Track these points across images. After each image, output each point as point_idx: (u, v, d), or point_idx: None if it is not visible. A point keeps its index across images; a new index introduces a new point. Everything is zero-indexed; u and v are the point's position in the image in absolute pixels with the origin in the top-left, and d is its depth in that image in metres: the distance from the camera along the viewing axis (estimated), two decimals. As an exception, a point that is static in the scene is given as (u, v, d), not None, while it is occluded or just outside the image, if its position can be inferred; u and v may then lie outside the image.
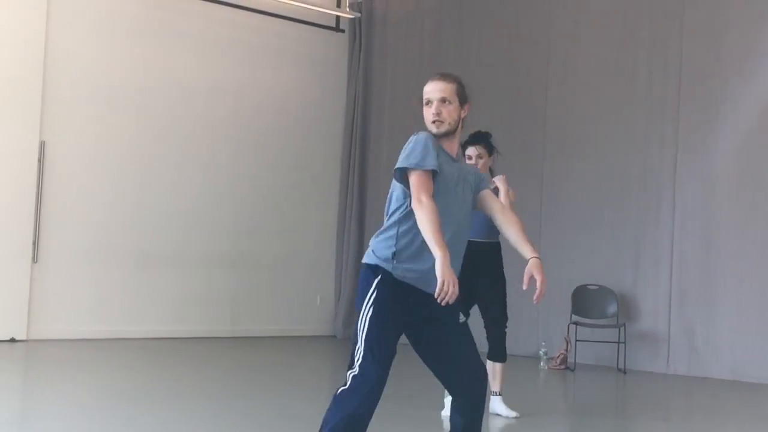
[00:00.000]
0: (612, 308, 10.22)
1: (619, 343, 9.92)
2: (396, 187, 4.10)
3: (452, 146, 4.17)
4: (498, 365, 6.43)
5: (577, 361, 10.02)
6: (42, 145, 10.32)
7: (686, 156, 9.94)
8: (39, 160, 10.29)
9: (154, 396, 7.02)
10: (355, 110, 12.91)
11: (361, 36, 12.97)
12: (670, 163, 10.04)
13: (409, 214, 3.97)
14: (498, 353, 6.41)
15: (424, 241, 3.87)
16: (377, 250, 4.04)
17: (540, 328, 10.73)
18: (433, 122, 4.08)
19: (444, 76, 4.18)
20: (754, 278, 9.41)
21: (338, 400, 3.81)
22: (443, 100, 4.10)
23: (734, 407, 8.15)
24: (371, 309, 3.95)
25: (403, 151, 4.07)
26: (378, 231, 4.11)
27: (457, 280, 3.71)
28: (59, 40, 10.48)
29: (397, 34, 12.81)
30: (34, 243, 10.25)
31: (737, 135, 9.62)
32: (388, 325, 3.95)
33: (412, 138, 4.07)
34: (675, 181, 9.98)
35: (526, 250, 4.11)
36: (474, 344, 4.11)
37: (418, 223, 3.83)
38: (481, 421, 4.38)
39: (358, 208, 12.75)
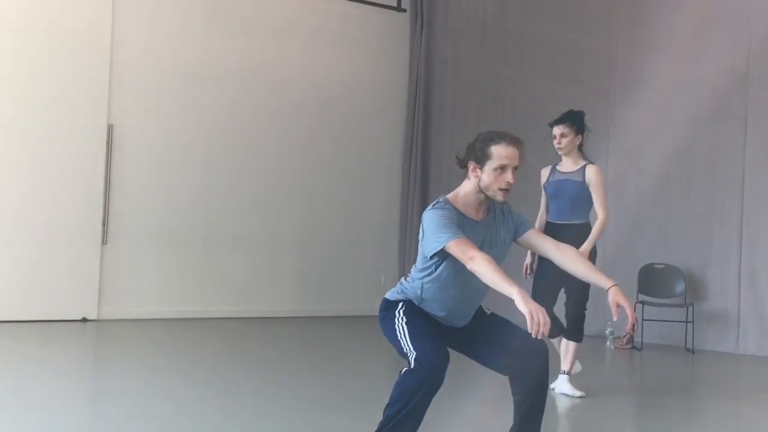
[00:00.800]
0: (680, 287, 10.07)
1: (687, 322, 9.78)
2: (422, 242, 4.10)
3: (483, 204, 4.13)
4: (572, 344, 6.42)
5: (644, 340, 9.90)
6: (110, 129, 10.48)
7: (756, 131, 9.72)
8: (107, 144, 10.46)
9: (222, 376, 7.12)
10: (417, 89, 12.87)
11: (422, 15, 12.90)
12: (739, 139, 9.83)
13: (434, 280, 4.07)
14: (573, 332, 6.39)
15: (444, 291, 4.03)
16: (400, 293, 4.19)
17: (607, 308, 10.54)
18: (501, 190, 4.04)
19: (519, 142, 4.11)
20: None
21: (401, 380, 3.92)
22: (515, 168, 4.06)
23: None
24: (404, 319, 4.09)
25: (423, 230, 4.06)
26: (402, 279, 4.25)
27: (543, 309, 3.69)
28: (126, 24, 10.61)
29: (460, 13, 12.71)
30: (103, 225, 10.44)
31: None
32: (426, 324, 4.08)
33: (426, 216, 4.05)
34: (745, 157, 9.77)
35: (601, 281, 4.10)
36: (513, 325, 4.12)
37: (481, 277, 3.83)
38: (543, 404, 4.39)
39: (421, 187, 12.74)
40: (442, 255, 3.99)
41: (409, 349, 3.97)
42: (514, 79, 11.91)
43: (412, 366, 3.93)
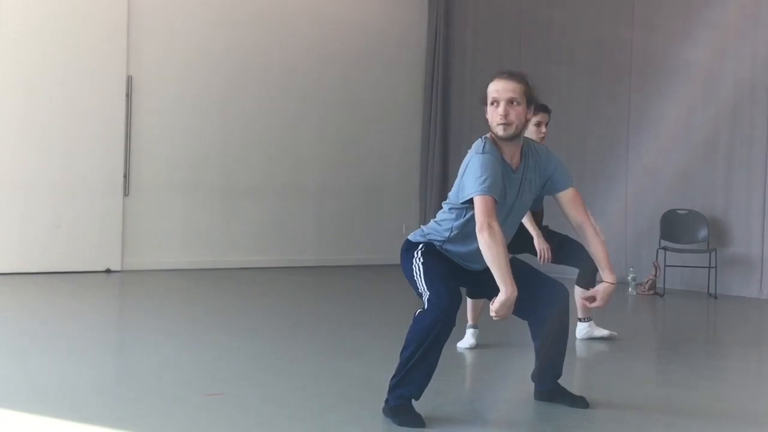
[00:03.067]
0: (702, 233, 10.02)
1: (709, 268, 9.74)
2: (460, 182, 4.06)
3: (515, 150, 4.08)
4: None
5: (666, 286, 9.88)
6: (129, 80, 10.47)
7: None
8: (127, 95, 10.46)
9: (245, 324, 7.17)
10: (437, 38, 12.75)
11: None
12: (762, 82, 9.70)
13: (465, 223, 4.08)
14: (587, 281, 6.34)
15: (471, 238, 4.00)
16: (423, 236, 4.21)
17: (628, 254, 10.60)
18: (500, 124, 3.97)
19: (512, 75, 4.03)
20: None
21: (415, 322, 4.01)
22: (511, 101, 3.97)
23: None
24: (421, 260, 4.12)
25: (465, 167, 4.01)
26: (431, 222, 4.24)
27: (507, 317, 3.86)
28: (142, -25, 10.56)
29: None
30: (125, 177, 10.47)
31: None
32: (442, 267, 4.12)
33: (474, 158, 3.98)
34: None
35: (605, 272, 4.11)
36: (533, 270, 4.13)
37: (484, 249, 3.84)
38: (564, 351, 4.42)
39: (442, 136, 12.68)
40: (471, 203, 3.99)
41: (424, 289, 4.03)
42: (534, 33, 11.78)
43: (425, 306, 3.97)
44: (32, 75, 9.90)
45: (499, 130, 3.98)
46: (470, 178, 3.95)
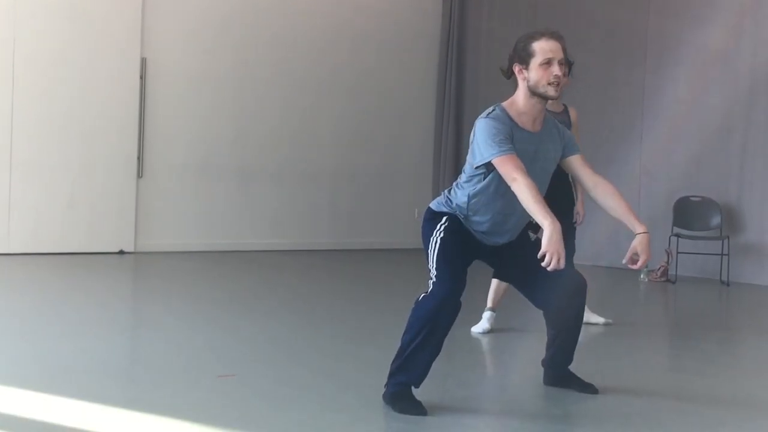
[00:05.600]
0: (715, 220, 9.99)
1: (722, 255, 9.72)
2: (471, 148, 4.04)
3: (540, 113, 4.06)
4: None
5: (678, 273, 9.87)
6: (143, 62, 10.49)
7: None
8: (141, 77, 10.48)
9: (258, 306, 7.21)
10: (451, 19, 12.71)
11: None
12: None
13: (481, 191, 4.02)
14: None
15: (491, 205, 4.00)
16: (446, 204, 4.15)
17: (640, 241, 10.55)
18: (551, 84, 3.96)
19: (560, 37, 4.04)
20: None
21: (417, 306, 3.99)
22: (561, 63, 3.99)
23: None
24: (441, 235, 4.07)
25: (473, 141, 4.01)
26: (453, 186, 4.17)
27: (563, 253, 3.68)
28: (157, -44, 10.56)
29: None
30: (138, 158, 10.51)
31: None
32: (458, 247, 4.07)
33: (480, 122, 3.97)
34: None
35: (634, 224, 4.02)
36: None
37: (519, 195, 3.79)
38: (576, 339, 4.43)
39: (455, 121, 12.66)
40: (489, 167, 3.95)
41: (432, 268, 4.01)
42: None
43: (428, 291, 3.97)
44: (47, 57, 9.92)
45: (551, 90, 3.96)
46: (483, 141, 3.92)
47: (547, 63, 3.95)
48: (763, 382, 5.15)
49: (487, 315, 6.14)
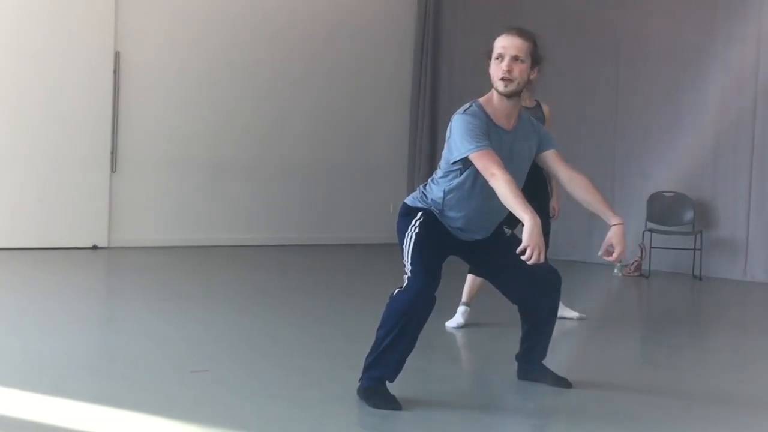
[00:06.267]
0: (688, 215, 10.06)
1: (695, 250, 9.80)
2: (447, 144, 4.04)
3: (513, 110, 4.05)
4: None
5: (651, 268, 9.94)
6: (117, 56, 10.41)
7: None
8: (114, 71, 10.40)
9: (232, 301, 7.18)
10: (426, 14, 12.71)
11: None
12: (751, 64, 9.73)
13: (457, 187, 4.02)
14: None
15: (467, 201, 4.00)
16: (421, 200, 4.14)
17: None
18: (502, 79, 3.95)
19: (521, 33, 4.00)
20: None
21: (392, 300, 3.99)
22: (516, 58, 3.95)
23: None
24: (416, 230, 4.07)
25: (449, 137, 4.00)
26: (428, 182, 4.17)
27: (543, 247, 3.68)
28: (130, -51, 10.49)
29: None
30: (112, 153, 10.43)
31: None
32: (433, 242, 4.06)
33: (456, 118, 3.97)
34: (757, 83, 9.68)
35: (609, 216, 4.03)
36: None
37: (497, 190, 3.78)
38: (551, 333, 4.46)
39: (430, 115, 12.67)
40: (466, 163, 3.95)
41: (408, 263, 4.01)
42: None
43: (403, 286, 3.97)
44: (19, 50, 9.82)
45: (500, 86, 3.96)
46: (459, 137, 3.92)
47: (499, 58, 3.96)
48: (733, 375, 5.20)
49: (461, 310, 6.15)
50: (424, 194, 4.15)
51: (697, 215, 10.04)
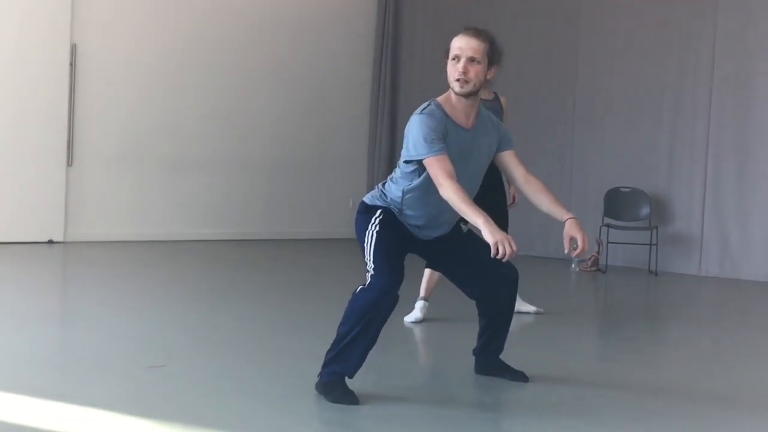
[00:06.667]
0: (645, 210, 10.18)
1: (651, 245, 9.91)
2: (405, 143, 4.06)
3: (471, 109, 4.07)
4: None
5: (608, 263, 10.04)
6: (73, 48, 10.30)
7: (723, 54, 9.75)
8: (71, 64, 10.29)
9: (189, 297, 7.15)
10: (386, 10, 12.71)
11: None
12: (707, 63, 9.86)
13: (416, 187, 4.04)
14: None
15: (425, 200, 4.02)
16: (380, 198, 4.16)
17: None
18: (457, 80, 3.97)
19: (478, 33, 4.01)
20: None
21: (354, 298, 4.00)
22: (472, 60, 3.97)
23: (765, 309, 8.17)
24: (376, 227, 4.08)
25: (407, 133, 4.02)
26: (387, 180, 4.19)
27: (510, 238, 3.72)
28: (87, -59, 10.37)
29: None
30: (68, 146, 10.32)
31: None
32: (394, 240, 4.09)
33: (414, 118, 3.99)
34: (713, 82, 9.81)
35: (561, 213, 4.09)
36: (486, 248, 4.14)
37: (449, 200, 3.84)
38: (508, 328, 4.49)
39: (390, 110, 12.68)
40: (422, 164, 3.97)
41: (370, 261, 4.01)
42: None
43: (366, 284, 3.97)
44: (-27, 41, 9.70)
45: (456, 86, 3.98)
46: (415, 138, 3.94)
47: (455, 59, 3.98)
48: (689, 370, 5.27)
49: (419, 305, 6.17)
50: (383, 193, 4.17)
51: (653, 211, 10.16)
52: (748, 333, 6.66)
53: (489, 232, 3.70)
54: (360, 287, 3.99)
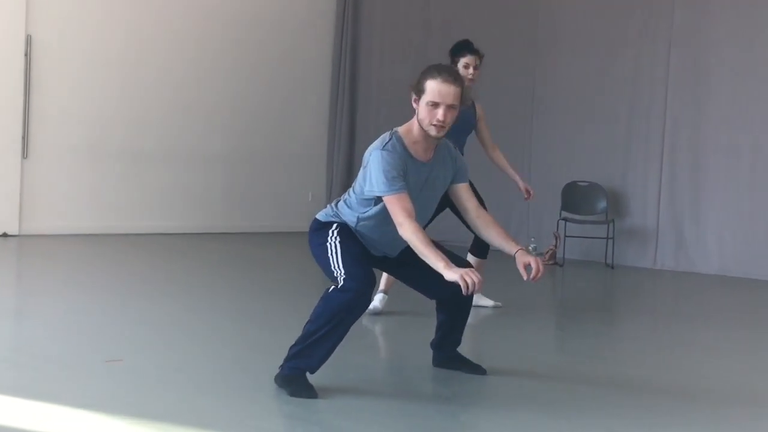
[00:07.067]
0: (601, 204, 10.27)
1: (607, 238, 10.01)
2: (363, 174, 4.08)
3: (433, 144, 4.11)
4: (481, 261, 6.44)
5: (566, 256, 10.12)
6: (28, 39, 10.15)
7: (679, 50, 9.87)
8: (26, 54, 10.14)
9: (146, 291, 7.10)
10: (346, 2, 12.68)
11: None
12: (662, 58, 9.96)
13: (371, 217, 4.09)
14: (482, 249, 6.41)
15: (380, 228, 4.09)
16: (334, 216, 4.18)
17: (530, 224, 10.82)
18: (434, 126, 4.00)
19: (455, 79, 4.03)
20: (743, 173, 9.46)
21: (327, 297, 3.98)
22: (451, 107, 4.00)
23: (720, 302, 8.29)
24: (338, 239, 4.10)
25: (366, 167, 4.04)
26: (342, 200, 4.21)
27: (470, 270, 3.77)
28: (42, -70, 10.22)
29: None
30: (23, 138, 10.18)
31: (731, 25, 9.54)
32: (358, 247, 4.13)
33: (376, 154, 4.00)
34: (668, 76, 9.93)
35: (510, 247, 4.17)
36: (443, 249, 4.16)
37: (411, 243, 3.91)
38: (466, 321, 4.54)
39: (350, 103, 12.66)
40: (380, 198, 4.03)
41: (339, 270, 3.99)
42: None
43: (340, 285, 3.96)
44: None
45: (432, 131, 4.01)
46: (376, 175, 3.97)
47: (433, 105, 3.99)
48: (644, 362, 5.34)
49: (378, 297, 6.19)
50: (337, 214, 4.19)
51: (610, 205, 10.26)
52: (702, 325, 6.76)
53: (451, 274, 3.75)
54: (333, 288, 3.98)
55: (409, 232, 3.88)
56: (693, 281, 9.26)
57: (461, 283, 3.72)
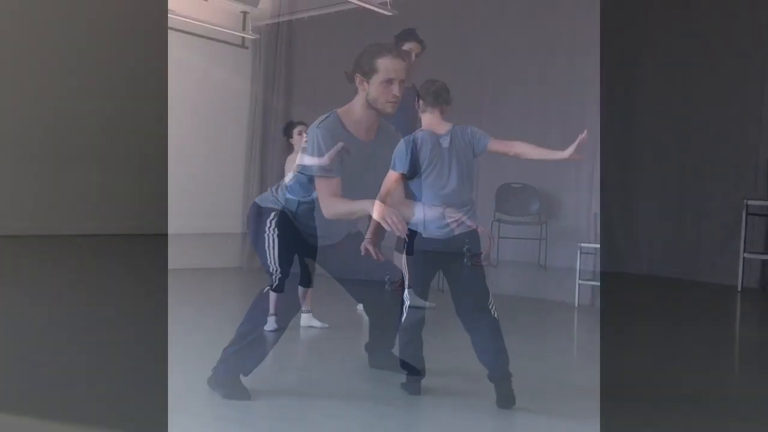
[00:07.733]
0: (534, 206, 10.37)
1: (540, 240, 10.11)
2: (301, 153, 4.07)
3: (375, 122, 4.12)
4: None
5: (500, 257, 10.19)
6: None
7: (610, 51, 9.99)
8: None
9: (66, 292, 6.97)
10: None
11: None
12: (594, 58, 10.07)
13: (310, 201, 4.08)
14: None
15: (320, 217, 4.05)
16: (274, 202, 4.16)
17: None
18: (390, 102, 4.03)
19: (401, 54, 4.07)
20: (672, 174, 9.64)
21: (260, 299, 4.00)
22: (402, 82, 4.05)
23: (650, 301, 8.44)
24: (275, 231, 4.09)
25: (303, 147, 4.03)
26: (281, 185, 4.19)
27: (393, 210, 3.72)
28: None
29: None
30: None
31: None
32: (293, 241, 4.12)
33: (309, 131, 3.99)
34: (601, 77, 10.04)
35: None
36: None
37: (337, 217, 3.94)
38: (400, 321, 4.53)
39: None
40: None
41: (275, 265, 3.97)
42: None
43: (274, 286, 3.94)
44: None
45: (389, 108, 4.03)
46: (311, 152, 3.95)
47: (388, 82, 3.99)
48: (568, 362, 5.40)
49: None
50: (277, 199, 4.15)
51: (543, 206, 10.36)
52: (631, 323, 6.87)
53: (376, 213, 3.71)
54: (267, 288, 3.96)
55: (330, 208, 3.86)
56: (623, 281, 9.41)
57: (383, 223, 3.67)
